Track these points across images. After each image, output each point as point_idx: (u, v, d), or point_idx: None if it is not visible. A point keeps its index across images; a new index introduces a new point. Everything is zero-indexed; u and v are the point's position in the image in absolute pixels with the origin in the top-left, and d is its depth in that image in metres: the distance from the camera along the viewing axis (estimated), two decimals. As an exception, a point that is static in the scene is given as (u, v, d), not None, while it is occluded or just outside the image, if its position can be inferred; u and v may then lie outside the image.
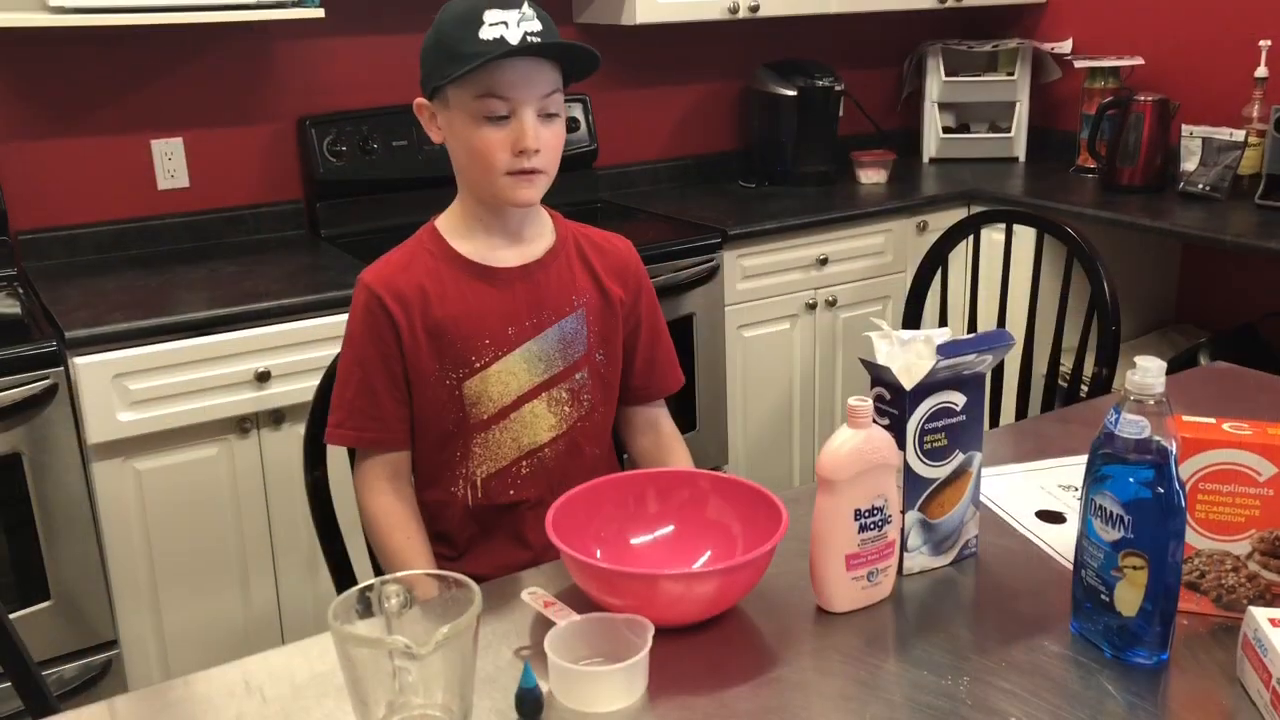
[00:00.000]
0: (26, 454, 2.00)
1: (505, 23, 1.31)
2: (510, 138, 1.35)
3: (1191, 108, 3.06)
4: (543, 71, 1.36)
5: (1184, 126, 2.98)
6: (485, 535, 1.50)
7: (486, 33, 1.31)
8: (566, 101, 2.99)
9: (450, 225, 1.47)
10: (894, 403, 1.19)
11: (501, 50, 1.30)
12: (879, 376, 1.20)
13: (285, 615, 2.33)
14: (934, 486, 1.23)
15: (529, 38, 1.32)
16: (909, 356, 1.17)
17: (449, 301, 1.42)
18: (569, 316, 1.47)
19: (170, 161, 2.65)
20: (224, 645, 2.26)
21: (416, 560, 1.41)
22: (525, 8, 1.34)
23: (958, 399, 1.21)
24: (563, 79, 1.40)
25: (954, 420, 1.21)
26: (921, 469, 1.21)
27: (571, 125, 3.04)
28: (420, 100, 1.41)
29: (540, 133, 1.36)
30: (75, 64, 2.51)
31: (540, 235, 1.49)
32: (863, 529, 1.15)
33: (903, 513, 1.21)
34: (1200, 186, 2.90)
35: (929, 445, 1.21)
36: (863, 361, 1.22)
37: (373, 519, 1.46)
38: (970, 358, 1.19)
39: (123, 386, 2.06)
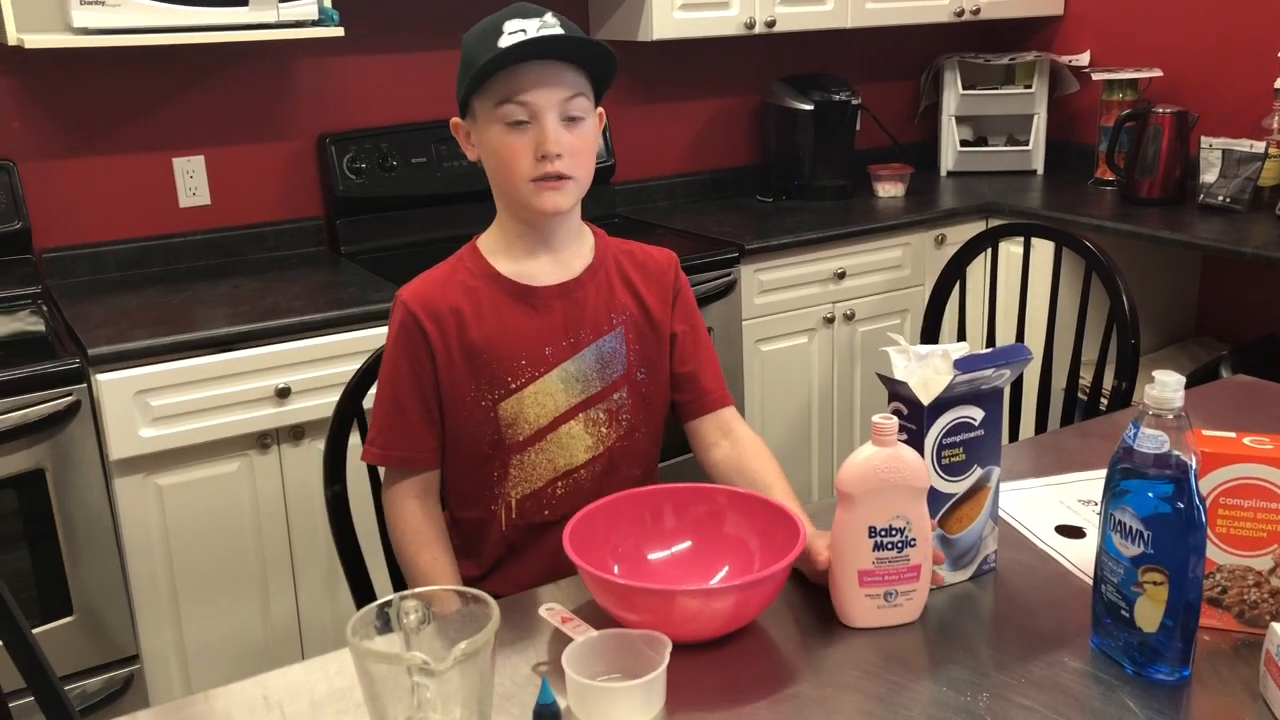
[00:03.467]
0: (50, 470, 2.02)
1: (524, 30, 1.30)
2: (532, 143, 1.33)
3: (1210, 119, 3.05)
4: (562, 74, 1.34)
5: (1203, 138, 2.97)
6: (516, 555, 1.49)
7: (505, 41, 1.30)
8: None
9: (491, 243, 1.45)
10: (911, 417, 1.19)
11: (509, 51, 1.29)
12: (896, 392, 1.20)
13: (305, 630, 2.34)
14: (952, 501, 1.22)
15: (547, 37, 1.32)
16: (926, 371, 1.17)
17: (485, 321, 1.41)
18: (607, 336, 1.44)
19: (192, 179, 2.67)
20: (245, 660, 2.27)
21: (443, 579, 1.41)
22: (548, 16, 1.33)
23: (975, 414, 1.21)
24: (592, 86, 1.38)
25: (972, 435, 1.21)
26: (940, 484, 1.20)
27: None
28: (455, 119, 1.41)
29: (562, 136, 1.34)
30: (98, 83, 2.55)
31: (580, 253, 1.46)
32: (878, 547, 1.15)
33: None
34: (1220, 198, 2.89)
35: (947, 460, 1.20)
36: (880, 376, 1.22)
37: (401, 537, 1.46)
38: (988, 372, 1.18)
39: (145, 403, 2.08)
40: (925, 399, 1.17)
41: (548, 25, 1.32)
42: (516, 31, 1.31)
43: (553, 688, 1.01)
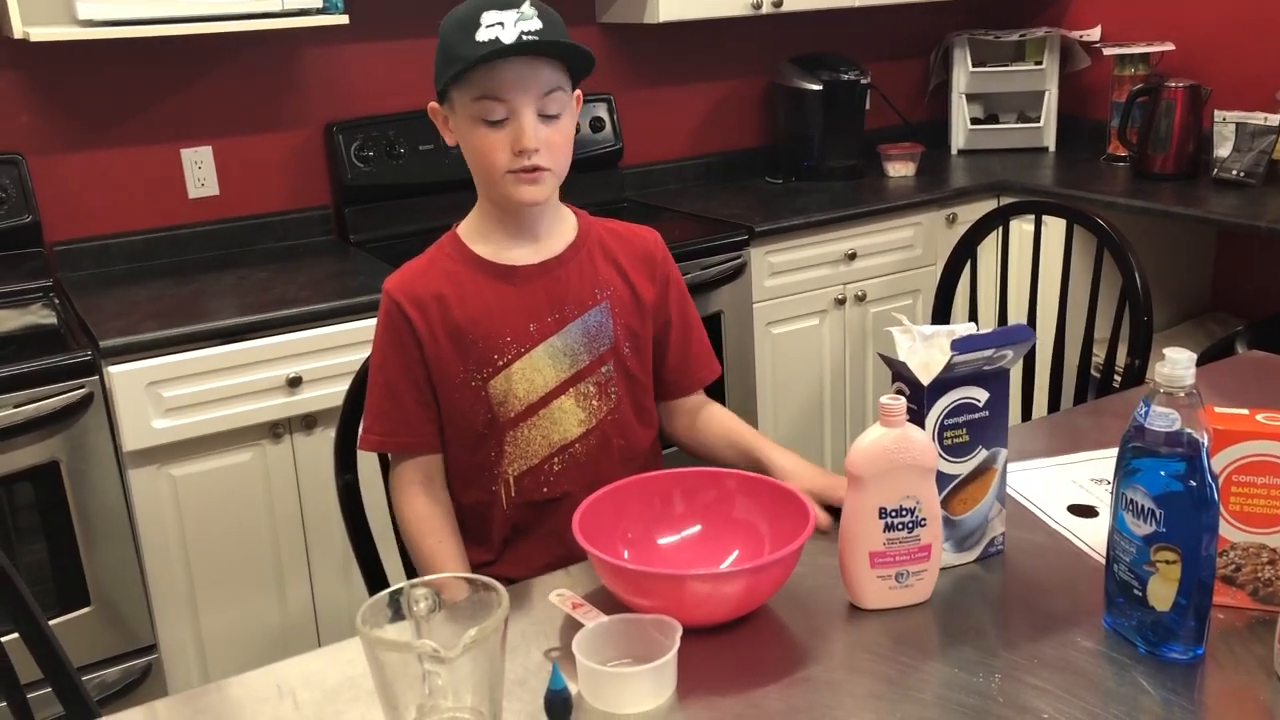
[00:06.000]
0: (64, 462, 2.03)
1: (501, 23, 1.31)
2: (509, 138, 1.35)
3: (1224, 93, 3.01)
4: (539, 71, 1.35)
5: (1217, 112, 2.94)
6: (522, 535, 1.50)
7: (483, 34, 1.31)
8: (591, 101, 3.01)
9: (470, 229, 1.48)
10: (913, 398, 1.18)
11: (491, 51, 1.30)
12: (898, 372, 1.19)
13: (321, 617, 2.35)
14: (956, 483, 1.22)
15: (525, 37, 1.31)
16: (929, 352, 1.16)
17: (468, 302, 1.43)
18: (592, 310, 1.46)
19: (200, 170, 2.68)
20: (261, 648, 2.28)
21: (449, 563, 1.42)
22: (525, 7, 1.33)
23: (979, 394, 1.20)
24: (571, 75, 1.39)
25: (976, 416, 1.20)
26: (942, 465, 1.19)
27: (596, 125, 3.05)
28: (433, 104, 1.42)
29: (539, 132, 1.35)
30: (104, 76, 2.55)
31: (561, 232, 1.49)
32: (889, 528, 1.15)
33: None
34: (1234, 173, 2.86)
35: (949, 441, 1.20)
36: (882, 357, 1.21)
37: (406, 524, 1.47)
38: (988, 353, 1.18)
39: (157, 394, 2.09)
40: (925, 379, 1.16)
41: (525, 17, 1.32)
42: (494, 24, 1.31)
43: (564, 673, 1.02)
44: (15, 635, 1.28)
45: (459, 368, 1.43)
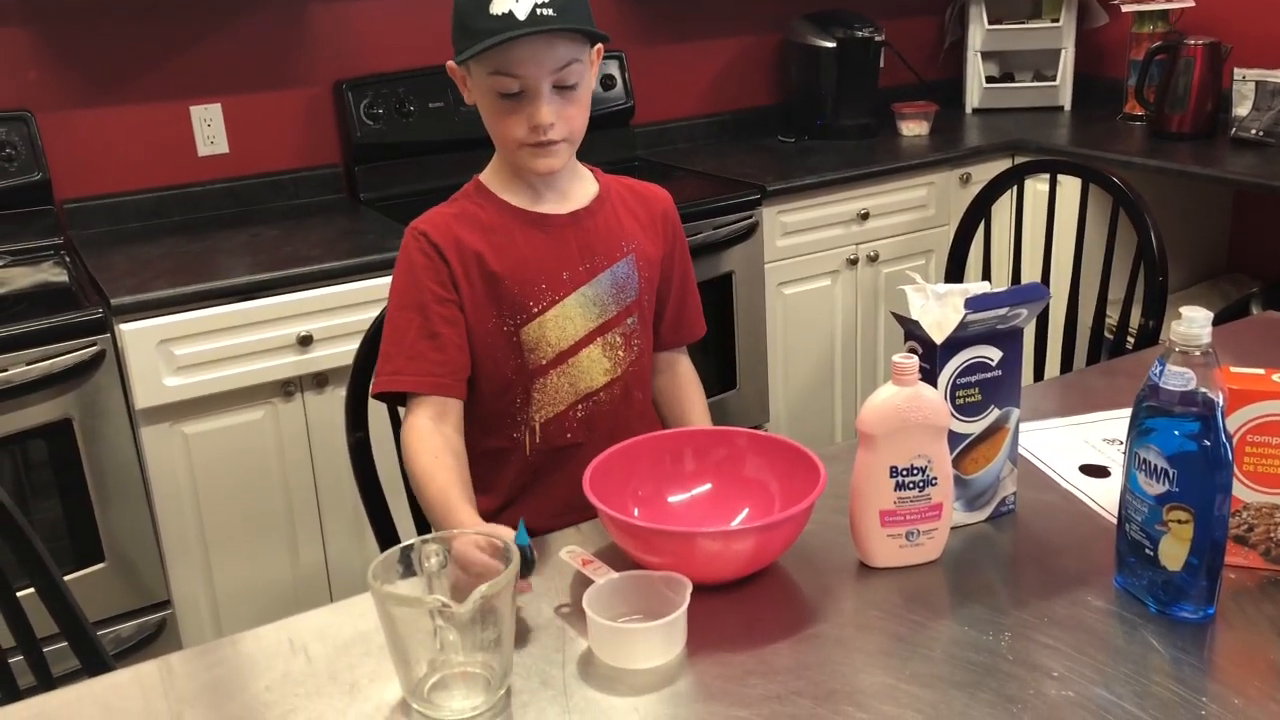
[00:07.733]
0: (77, 419, 2.04)
1: None
2: (525, 114, 1.34)
3: (1244, 51, 2.97)
4: (554, 46, 1.32)
5: (1236, 70, 2.90)
6: (539, 482, 1.51)
7: (496, 7, 1.29)
8: (603, 59, 2.97)
9: (495, 179, 1.47)
10: (926, 357, 1.18)
11: (507, 30, 1.28)
12: (910, 331, 1.19)
13: (333, 574, 2.37)
14: (968, 442, 1.21)
15: (539, 10, 1.29)
16: (943, 310, 1.16)
17: (504, 251, 1.42)
18: (621, 261, 1.48)
19: (209, 128, 2.67)
20: (274, 604, 2.30)
21: (447, 480, 1.31)
22: None
23: (993, 354, 1.19)
24: (589, 39, 1.37)
25: (989, 375, 1.20)
26: (954, 424, 1.19)
27: (607, 83, 3.02)
28: (451, 64, 1.41)
29: (555, 105, 1.34)
30: (114, 32, 2.53)
31: (583, 186, 1.50)
32: (900, 487, 1.15)
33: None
34: (1253, 132, 2.83)
35: (962, 400, 1.19)
36: (895, 315, 1.21)
37: (406, 447, 1.37)
38: (1002, 311, 1.17)
39: (168, 352, 2.09)
40: (938, 338, 1.15)
41: None
42: None
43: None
44: (31, 590, 1.29)
45: (491, 313, 1.42)
